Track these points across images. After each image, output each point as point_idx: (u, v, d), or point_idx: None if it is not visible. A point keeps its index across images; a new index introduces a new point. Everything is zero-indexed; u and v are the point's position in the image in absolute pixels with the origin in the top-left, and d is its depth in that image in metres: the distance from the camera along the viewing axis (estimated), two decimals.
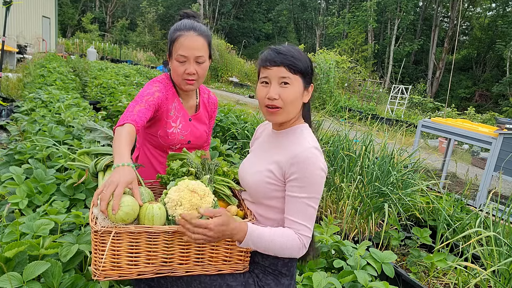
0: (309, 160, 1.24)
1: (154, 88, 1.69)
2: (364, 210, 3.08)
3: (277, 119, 1.34)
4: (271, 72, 1.29)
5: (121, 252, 1.18)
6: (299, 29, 43.15)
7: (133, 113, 1.52)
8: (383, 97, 17.95)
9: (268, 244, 1.25)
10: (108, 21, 39.79)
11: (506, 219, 2.84)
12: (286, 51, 1.29)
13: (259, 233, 1.25)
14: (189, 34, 1.63)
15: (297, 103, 1.33)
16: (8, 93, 7.31)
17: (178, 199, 1.24)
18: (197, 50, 1.64)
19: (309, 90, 1.36)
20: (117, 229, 1.14)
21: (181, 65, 1.65)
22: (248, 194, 1.43)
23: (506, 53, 23.81)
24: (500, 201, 4.83)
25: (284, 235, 1.25)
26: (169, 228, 1.20)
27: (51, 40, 20.21)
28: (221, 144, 4.04)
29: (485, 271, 2.02)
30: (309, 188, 1.25)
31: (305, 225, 1.26)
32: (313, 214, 1.28)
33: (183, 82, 1.69)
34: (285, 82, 1.28)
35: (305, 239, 1.26)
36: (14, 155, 2.72)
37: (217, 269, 1.30)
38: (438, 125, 5.39)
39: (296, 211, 1.26)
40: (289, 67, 1.28)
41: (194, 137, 1.85)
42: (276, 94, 1.29)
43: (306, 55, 1.34)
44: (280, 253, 1.27)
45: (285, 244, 1.25)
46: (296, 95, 1.30)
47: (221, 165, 1.52)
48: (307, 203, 1.26)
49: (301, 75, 1.30)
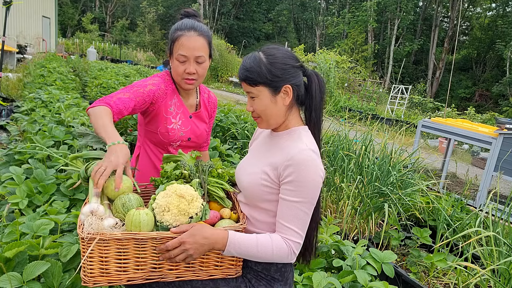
0: (305, 162, 1.21)
1: (148, 81, 1.70)
2: (364, 210, 3.08)
3: (262, 127, 1.37)
4: (243, 86, 1.33)
5: (110, 258, 1.17)
6: (299, 29, 43.15)
7: (112, 99, 1.52)
8: (383, 97, 17.95)
9: (253, 252, 1.23)
10: (108, 21, 39.80)
11: (506, 219, 2.85)
12: (244, 65, 1.29)
13: (242, 240, 1.23)
14: (190, 34, 1.64)
15: (273, 110, 1.30)
16: (8, 93, 7.31)
17: (166, 204, 1.23)
18: (197, 50, 1.65)
19: (285, 93, 1.29)
20: (103, 236, 1.14)
21: (181, 64, 1.66)
22: (243, 196, 1.41)
23: (506, 53, 23.81)
24: (500, 201, 4.83)
25: (270, 242, 1.23)
26: (157, 235, 1.18)
27: (51, 40, 20.21)
28: (221, 144, 4.04)
29: (485, 270, 2.02)
30: (303, 192, 1.22)
31: (295, 230, 1.23)
32: (305, 220, 1.25)
33: (182, 82, 1.70)
34: (251, 96, 1.31)
35: (294, 244, 1.24)
36: (14, 155, 2.71)
37: (209, 274, 1.29)
38: (438, 125, 5.39)
39: (287, 216, 1.23)
40: (246, 82, 1.28)
41: (195, 135, 1.85)
42: (250, 107, 1.33)
43: (268, 60, 1.26)
44: (268, 260, 1.25)
45: (271, 251, 1.22)
46: (265, 104, 1.29)
47: (215, 166, 1.50)
48: (300, 208, 1.22)
49: (263, 84, 1.26)
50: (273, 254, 1.23)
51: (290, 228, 1.23)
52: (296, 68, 1.30)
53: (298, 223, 1.23)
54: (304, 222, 1.25)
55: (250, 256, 1.25)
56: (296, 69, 1.30)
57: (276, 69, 1.26)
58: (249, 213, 1.38)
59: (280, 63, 1.27)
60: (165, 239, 1.20)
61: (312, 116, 1.35)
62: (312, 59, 19.27)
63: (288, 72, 1.28)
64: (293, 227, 1.23)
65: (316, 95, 1.34)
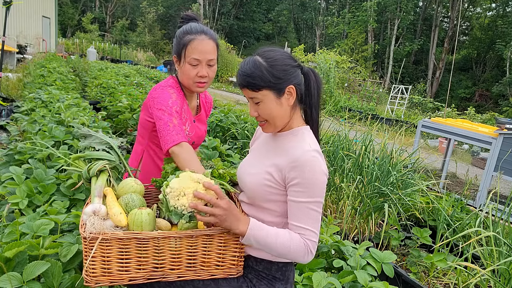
0: (310, 163, 1.21)
1: (174, 96, 1.70)
2: (364, 210, 3.08)
3: (268, 131, 1.36)
4: (244, 93, 1.31)
5: (111, 258, 1.18)
6: (299, 29, 43.14)
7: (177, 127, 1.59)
8: (383, 97, 17.95)
9: (272, 243, 1.21)
10: (108, 21, 39.80)
11: (506, 219, 2.85)
12: (244, 71, 1.27)
13: (263, 227, 1.23)
14: (202, 37, 1.65)
15: (279, 112, 1.30)
16: (8, 93, 7.30)
17: (182, 189, 1.20)
18: (209, 54, 1.67)
19: (288, 93, 1.29)
20: (105, 235, 1.14)
21: (194, 68, 1.67)
22: (245, 196, 1.40)
23: (506, 53, 23.82)
24: (500, 201, 4.82)
25: (289, 237, 1.22)
26: (159, 234, 1.19)
27: (51, 40, 20.21)
28: (221, 144, 4.04)
29: (485, 271, 2.02)
30: (311, 192, 1.22)
31: (310, 229, 1.23)
32: (317, 218, 1.25)
33: (194, 85, 1.71)
34: (255, 102, 1.30)
35: (311, 244, 1.23)
36: (14, 155, 2.71)
37: (210, 274, 1.29)
38: (438, 125, 5.39)
39: (300, 216, 1.23)
40: (249, 88, 1.27)
41: (197, 138, 1.89)
42: (254, 112, 1.32)
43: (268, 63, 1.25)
44: (284, 255, 1.23)
45: (290, 246, 1.21)
46: (270, 108, 1.28)
47: (216, 166, 1.50)
48: (310, 207, 1.23)
49: (267, 88, 1.26)
50: (290, 249, 1.21)
51: (305, 228, 1.23)
52: (295, 67, 1.31)
53: (311, 222, 1.23)
54: (316, 220, 1.25)
55: (268, 247, 1.22)
56: (295, 69, 1.31)
57: (277, 71, 1.26)
58: (252, 213, 1.38)
59: (280, 64, 1.27)
60: (167, 239, 1.20)
61: (313, 114, 1.36)
62: (312, 59, 19.28)
63: (289, 72, 1.28)
64: (307, 227, 1.23)
65: (314, 92, 1.34)
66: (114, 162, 1.46)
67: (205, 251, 1.26)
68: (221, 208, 1.18)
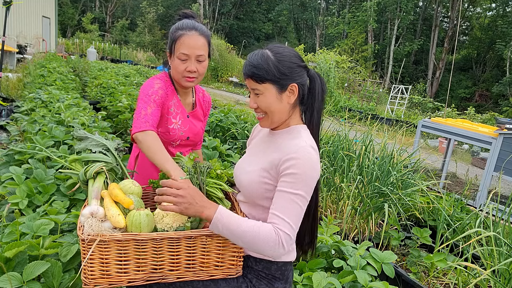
0: (303, 157, 1.21)
1: (156, 85, 1.74)
2: (364, 210, 3.08)
3: (264, 125, 1.37)
4: (247, 83, 1.32)
5: (110, 260, 1.17)
6: (299, 29, 43.14)
7: (149, 116, 1.60)
8: (383, 97, 17.96)
9: (239, 231, 1.18)
10: (108, 21, 39.80)
11: (506, 219, 2.84)
12: (251, 62, 1.28)
13: (230, 215, 1.21)
14: (191, 33, 1.68)
15: (278, 107, 1.30)
16: (8, 93, 7.31)
17: (158, 213, 1.27)
18: (198, 49, 1.69)
19: (290, 91, 1.30)
20: (103, 237, 1.14)
21: (183, 63, 1.70)
22: (243, 195, 1.41)
23: (506, 53, 23.81)
24: (500, 201, 4.82)
25: (258, 226, 1.19)
26: (157, 235, 1.18)
27: (51, 40, 20.21)
28: (221, 144, 4.04)
29: (485, 271, 2.02)
30: (299, 185, 1.20)
31: (287, 221, 1.19)
32: (298, 213, 1.21)
33: (183, 79, 1.74)
34: (256, 93, 1.30)
35: (284, 235, 1.18)
36: (14, 155, 2.71)
37: (209, 275, 1.29)
38: (438, 125, 5.39)
39: (280, 205, 1.21)
40: (253, 78, 1.28)
41: (192, 134, 1.91)
42: (254, 104, 1.33)
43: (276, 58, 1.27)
44: (252, 246, 1.19)
45: (259, 235, 1.17)
46: (270, 102, 1.29)
47: (214, 167, 1.50)
48: (293, 199, 1.20)
49: (271, 82, 1.27)
50: (259, 240, 1.17)
51: (281, 218, 1.20)
52: (301, 67, 1.32)
53: (288, 213, 1.20)
54: (296, 214, 1.21)
55: (235, 236, 1.19)
56: (301, 69, 1.32)
57: (284, 67, 1.27)
58: (249, 211, 1.38)
59: (287, 61, 1.28)
60: (166, 240, 1.20)
61: (314, 117, 1.36)
62: (312, 59, 19.27)
63: (295, 70, 1.29)
64: (284, 217, 1.20)
65: (319, 96, 1.35)
66: (111, 164, 1.46)
67: (204, 251, 1.26)
68: (180, 196, 1.20)
